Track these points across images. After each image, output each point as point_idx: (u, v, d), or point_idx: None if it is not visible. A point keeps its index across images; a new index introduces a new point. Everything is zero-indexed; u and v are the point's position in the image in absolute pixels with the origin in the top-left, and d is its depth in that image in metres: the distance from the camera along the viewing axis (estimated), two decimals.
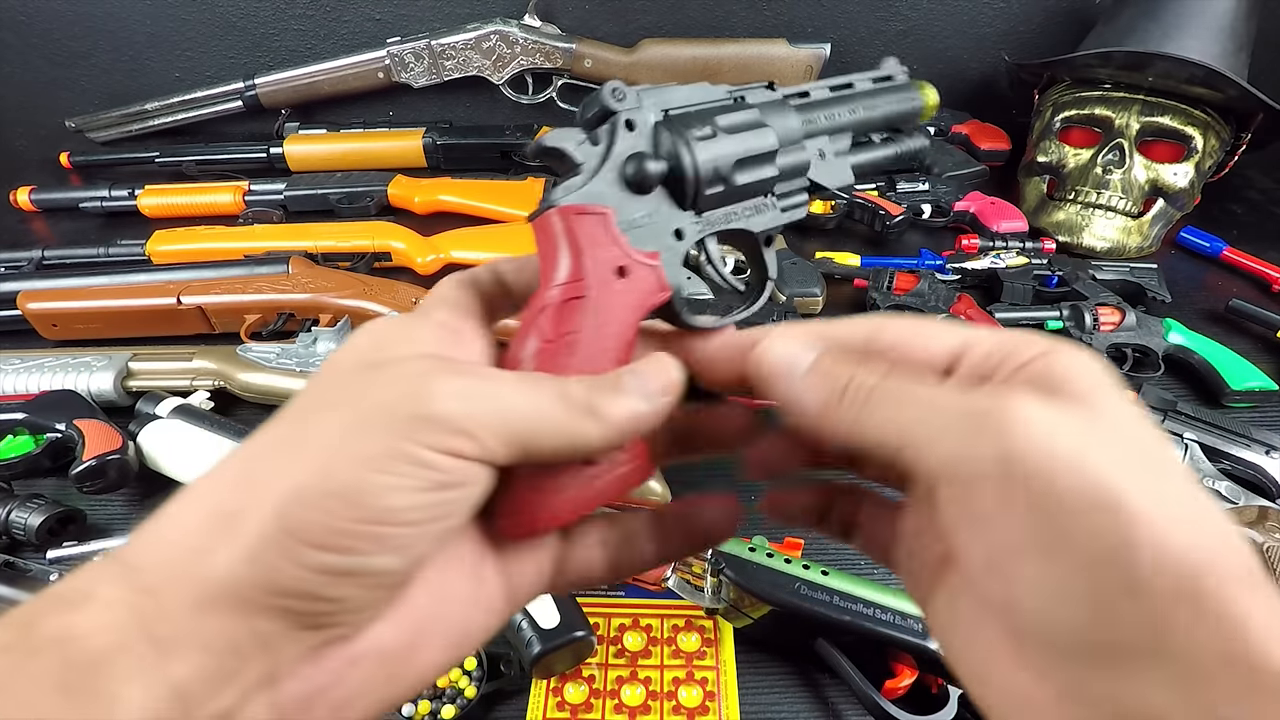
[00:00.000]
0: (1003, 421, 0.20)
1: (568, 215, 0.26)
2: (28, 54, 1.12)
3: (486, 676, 0.52)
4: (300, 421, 0.22)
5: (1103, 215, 0.93)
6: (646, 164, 0.27)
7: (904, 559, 0.27)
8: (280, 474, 0.20)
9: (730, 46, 1.08)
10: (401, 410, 0.20)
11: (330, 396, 0.22)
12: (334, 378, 0.23)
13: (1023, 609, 0.20)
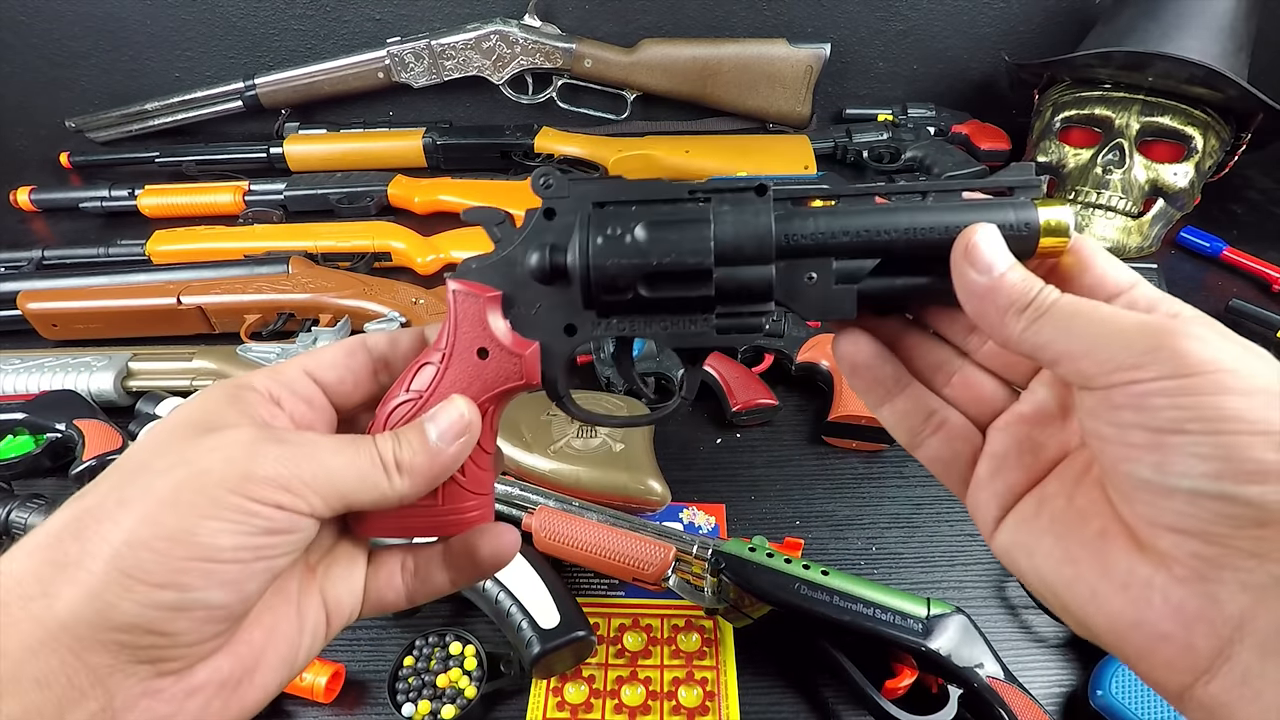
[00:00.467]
0: (1177, 334, 0.23)
1: (455, 290, 0.29)
2: (28, 54, 1.12)
3: (486, 676, 0.52)
4: (132, 478, 0.24)
5: (1103, 215, 0.93)
6: (530, 257, 0.28)
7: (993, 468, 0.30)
8: (116, 522, 0.23)
9: (730, 46, 1.08)
10: (231, 471, 0.23)
11: (163, 456, 0.24)
12: (166, 440, 0.25)
13: (1171, 475, 0.22)
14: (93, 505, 0.23)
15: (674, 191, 0.28)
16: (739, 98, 1.11)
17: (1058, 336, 0.25)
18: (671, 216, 0.27)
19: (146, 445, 0.25)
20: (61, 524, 0.23)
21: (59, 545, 0.23)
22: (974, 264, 0.27)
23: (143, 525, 0.22)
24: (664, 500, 0.63)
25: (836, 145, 1.12)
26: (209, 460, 0.24)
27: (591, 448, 0.65)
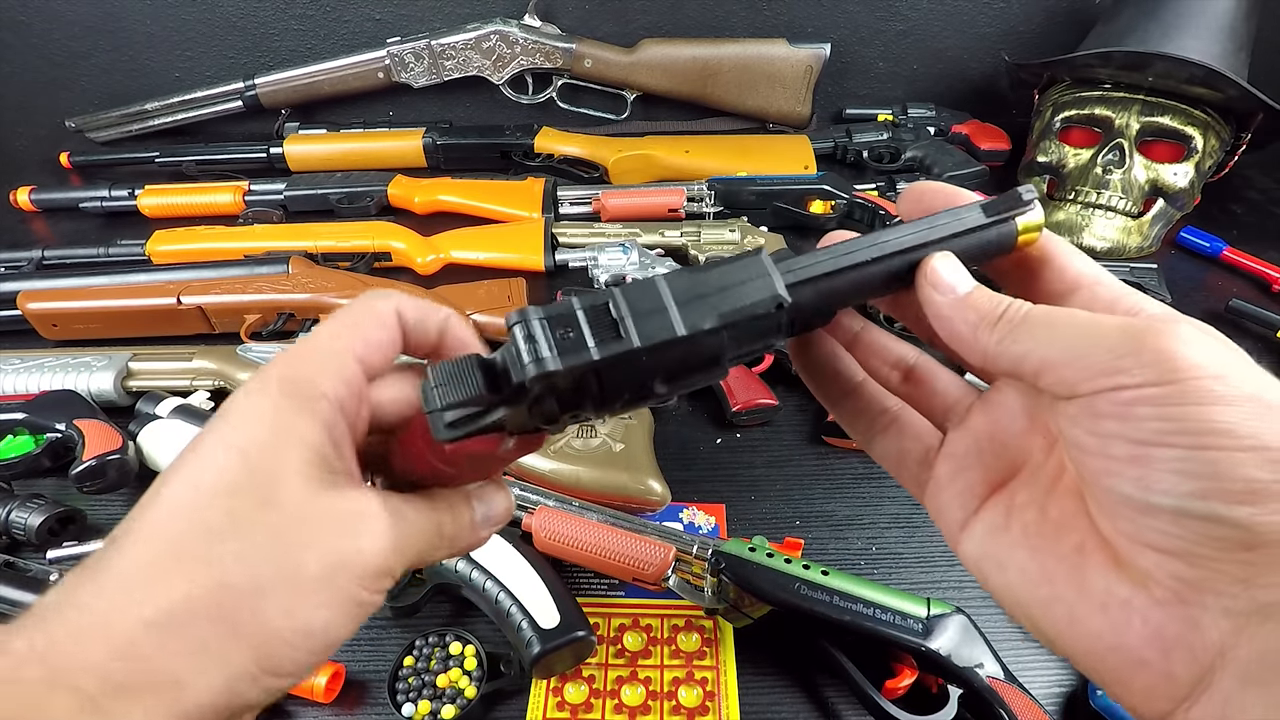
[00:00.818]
0: (1162, 336, 0.22)
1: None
2: (28, 54, 1.12)
3: (486, 676, 0.52)
4: (267, 546, 0.23)
5: (1103, 215, 0.93)
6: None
7: (953, 469, 0.29)
8: (255, 612, 0.22)
9: (730, 46, 1.08)
10: (346, 568, 0.24)
11: (297, 524, 0.24)
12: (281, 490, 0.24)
13: (1152, 492, 0.22)
14: (232, 582, 0.22)
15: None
16: (739, 98, 1.11)
17: (1036, 345, 0.24)
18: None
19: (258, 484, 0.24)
20: (202, 600, 0.22)
21: (194, 627, 0.22)
22: (938, 287, 0.26)
23: (284, 618, 0.23)
24: (664, 500, 0.63)
25: (836, 145, 1.12)
26: (347, 546, 0.24)
27: (591, 448, 0.65)
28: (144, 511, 0.23)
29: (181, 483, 0.24)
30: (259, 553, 0.23)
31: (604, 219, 0.97)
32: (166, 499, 0.23)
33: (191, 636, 0.22)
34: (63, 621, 0.21)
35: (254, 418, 0.24)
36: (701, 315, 0.23)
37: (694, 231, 0.93)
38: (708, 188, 0.97)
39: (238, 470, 0.23)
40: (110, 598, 0.22)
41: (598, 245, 0.90)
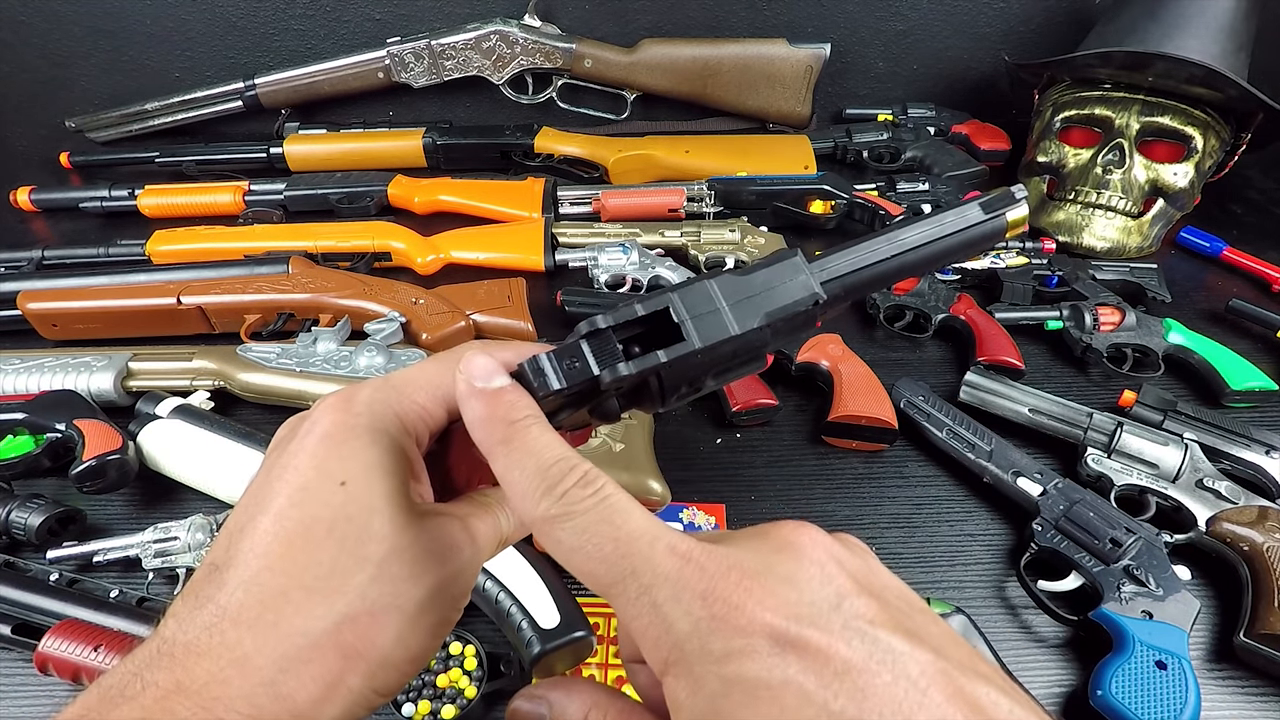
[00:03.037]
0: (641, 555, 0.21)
1: None
2: (28, 54, 1.12)
3: (486, 676, 0.52)
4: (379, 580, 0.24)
5: (1103, 215, 0.93)
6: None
7: None
8: (373, 642, 0.23)
9: (730, 46, 1.08)
10: (444, 595, 0.25)
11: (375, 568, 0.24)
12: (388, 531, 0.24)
13: None
14: (351, 614, 0.23)
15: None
16: (739, 98, 1.11)
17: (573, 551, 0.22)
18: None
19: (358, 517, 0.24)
20: (327, 634, 0.23)
21: (323, 661, 0.23)
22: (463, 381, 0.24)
23: (397, 646, 0.24)
24: (664, 500, 0.63)
25: (836, 145, 1.12)
26: (444, 574, 0.25)
27: (591, 448, 0.65)
28: (246, 541, 0.24)
29: (283, 515, 0.24)
30: (371, 586, 0.24)
31: (604, 219, 0.97)
32: (271, 531, 0.24)
33: (321, 670, 0.23)
34: (201, 659, 0.22)
35: (345, 449, 0.25)
36: (750, 315, 0.25)
37: (694, 231, 0.93)
38: (708, 188, 0.97)
39: (338, 503, 0.24)
40: (242, 635, 0.22)
41: (598, 245, 0.90)
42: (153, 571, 0.58)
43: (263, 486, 0.25)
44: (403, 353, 0.73)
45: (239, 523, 0.24)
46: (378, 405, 0.26)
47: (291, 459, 0.25)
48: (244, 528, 0.24)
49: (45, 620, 0.52)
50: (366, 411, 0.26)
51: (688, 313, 0.25)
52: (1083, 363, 0.80)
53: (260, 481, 0.25)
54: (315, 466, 0.24)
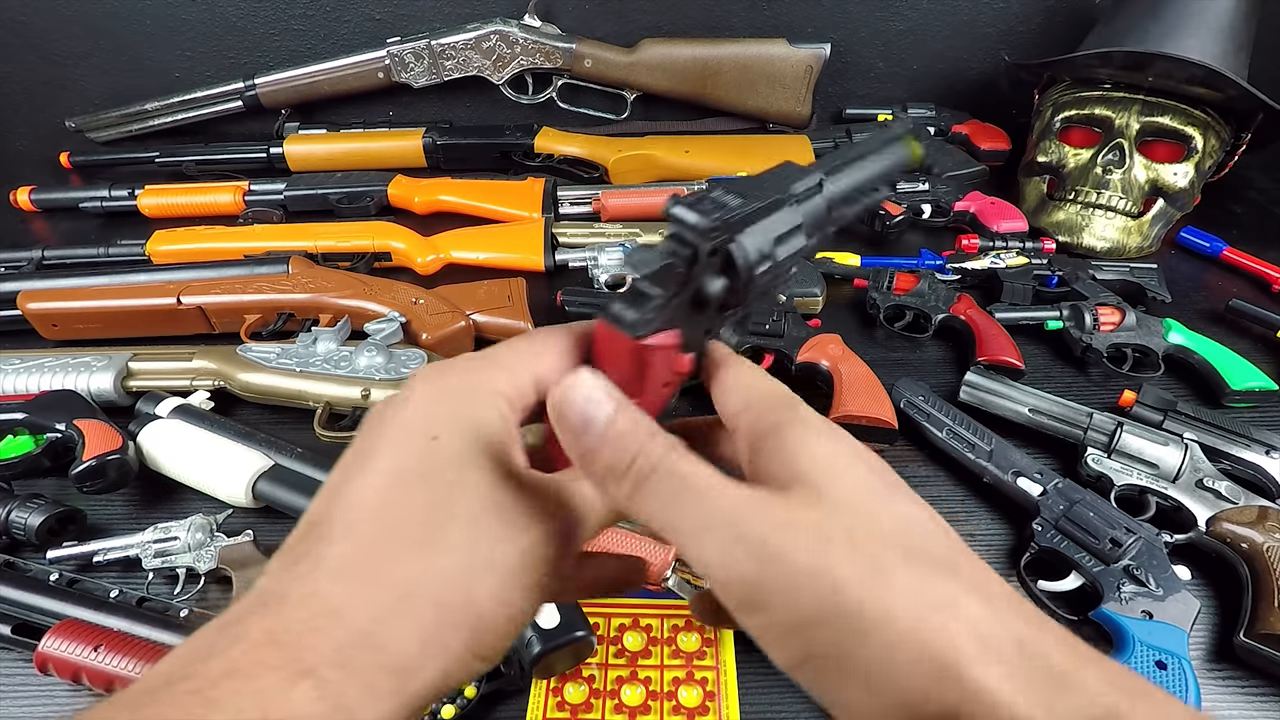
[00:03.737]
0: (754, 533, 0.22)
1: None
2: (28, 54, 1.12)
3: (486, 676, 0.52)
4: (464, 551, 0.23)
5: (1103, 215, 0.93)
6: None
7: None
8: (471, 603, 0.23)
9: (730, 46, 1.08)
10: (537, 557, 0.25)
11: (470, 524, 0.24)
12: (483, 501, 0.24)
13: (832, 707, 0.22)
14: (447, 569, 0.23)
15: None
16: (739, 98, 1.11)
17: (657, 513, 0.23)
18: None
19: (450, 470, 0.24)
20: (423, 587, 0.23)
21: (420, 614, 0.22)
22: (566, 429, 0.24)
23: (495, 606, 0.23)
24: None
25: (837, 145, 1.12)
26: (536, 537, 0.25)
27: None
28: (343, 497, 0.24)
29: (378, 470, 0.24)
30: (466, 540, 0.23)
31: (604, 219, 0.97)
32: (367, 485, 0.24)
33: (416, 624, 0.22)
34: (294, 609, 0.21)
35: (439, 404, 0.25)
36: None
37: None
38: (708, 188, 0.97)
39: (431, 455, 0.24)
40: (336, 586, 0.22)
41: (598, 245, 0.90)
42: (153, 571, 0.58)
43: (359, 449, 0.25)
44: (403, 353, 0.73)
45: (335, 483, 0.24)
46: (472, 374, 0.26)
47: (387, 424, 0.25)
48: (340, 486, 0.24)
49: (45, 620, 0.52)
50: (460, 379, 0.26)
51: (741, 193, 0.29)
52: (1083, 363, 0.80)
53: (356, 446, 0.25)
54: (408, 425, 0.25)
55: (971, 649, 0.20)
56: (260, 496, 0.62)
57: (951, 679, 0.20)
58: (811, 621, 0.21)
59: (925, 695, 0.20)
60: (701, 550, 0.22)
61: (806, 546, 0.21)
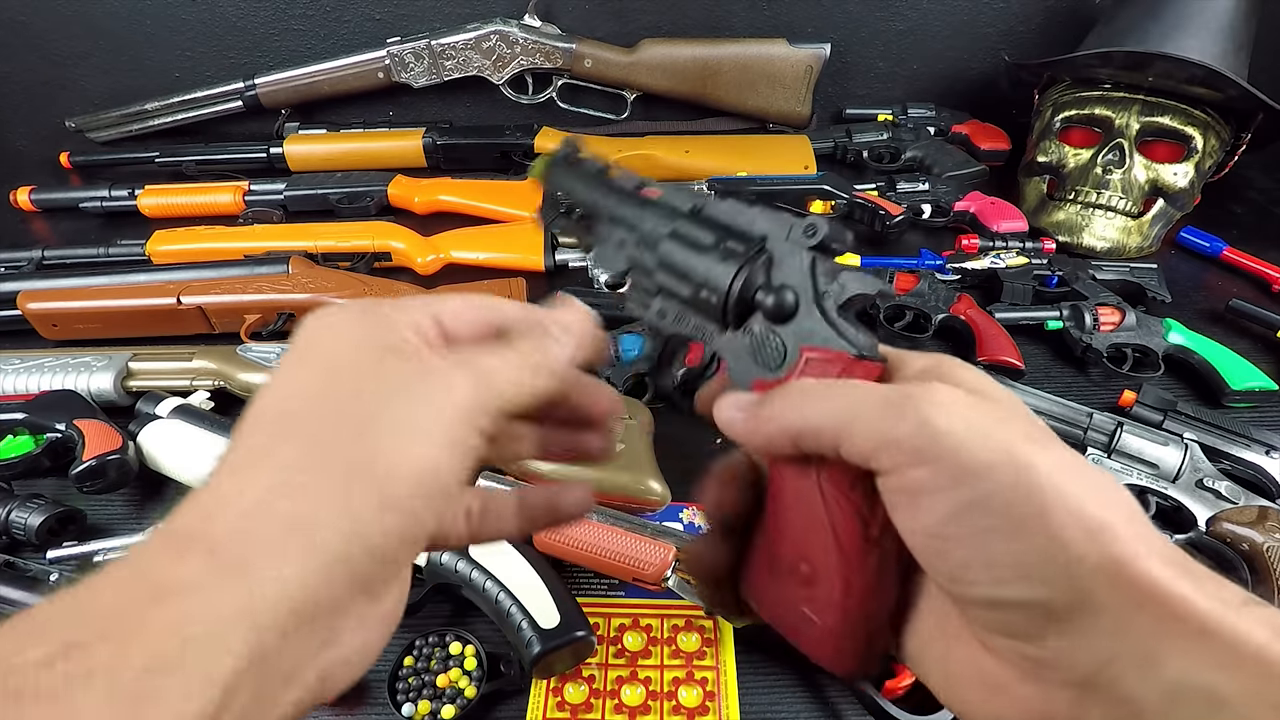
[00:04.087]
0: (919, 401, 0.23)
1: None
2: (28, 54, 1.12)
3: (486, 676, 0.52)
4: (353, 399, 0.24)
5: (1103, 215, 0.93)
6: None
7: None
8: (375, 457, 0.23)
9: (730, 46, 1.08)
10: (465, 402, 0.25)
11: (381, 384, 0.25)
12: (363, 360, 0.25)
13: (964, 584, 0.22)
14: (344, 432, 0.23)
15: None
16: (739, 98, 1.11)
17: (815, 411, 0.25)
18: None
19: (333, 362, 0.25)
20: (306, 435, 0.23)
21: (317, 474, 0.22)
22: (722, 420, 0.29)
23: (400, 458, 0.23)
24: (664, 500, 0.63)
25: (836, 145, 1.12)
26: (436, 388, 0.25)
27: None
28: (258, 401, 0.25)
29: (286, 373, 0.25)
30: (366, 407, 0.24)
31: None
32: (281, 384, 0.25)
33: (314, 483, 0.22)
34: (196, 504, 0.22)
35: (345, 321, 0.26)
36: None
37: None
38: (708, 188, 0.97)
39: (335, 352, 0.25)
40: (236, 473, 0.23)
41: None
42: None
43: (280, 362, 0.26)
44: None
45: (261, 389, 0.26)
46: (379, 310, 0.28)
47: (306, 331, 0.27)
48: (260, 392, 0.25)
49: None
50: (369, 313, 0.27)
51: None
52: (1083, 363, 0.80)
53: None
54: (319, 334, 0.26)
55: (1132, 536, 0.21)
56: None
57: (1111, 537, 0.21)
58: (979, 473, 0.22)
59: (1082, 551, 0.21)
60: (862, 432, 0.24)
61: (972, 411, 0.23)
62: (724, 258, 0.31)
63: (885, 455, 0.23)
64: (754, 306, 0.30)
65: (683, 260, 0.32)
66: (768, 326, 0.30)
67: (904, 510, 0.24)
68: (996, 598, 0.22)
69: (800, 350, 0.28)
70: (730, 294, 0.30)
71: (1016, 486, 0.21)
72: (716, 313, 0.31)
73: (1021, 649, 0.22)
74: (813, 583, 0.27)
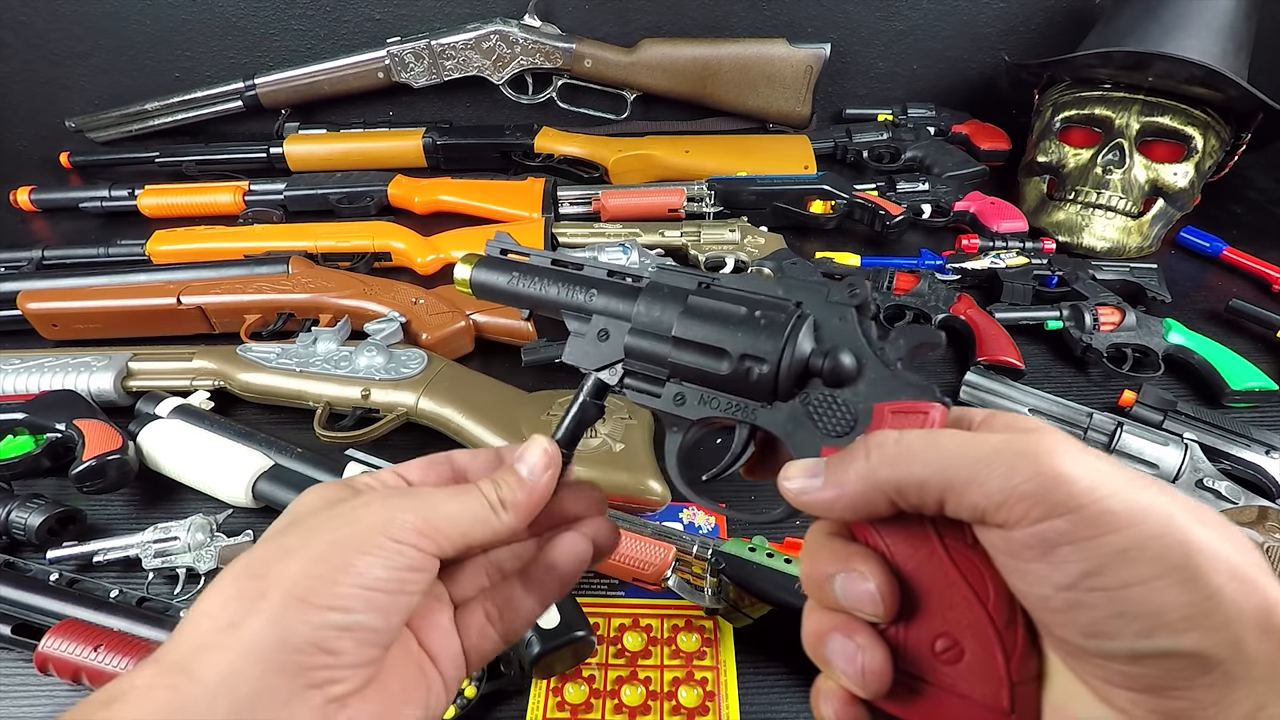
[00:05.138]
0: (1039, 449, 0.22)
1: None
2: (28, 54, 1.12)
3: (486, 676, 0.52)
4: (290, 536, 0.28)
5: (1103, 215, 0.93)
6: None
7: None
8: (286, 564, 0.26)
9: (730, 46, 1.08)
10: (378, 519, 0.28)
11: (314, 518, 0.29)
12: (307, 514, 0.29)
13: (1102, 639, 0.21)
14: (260, 557, 0.27)
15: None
16: (739, 98, 1.11)
17: (925, 465, 0.24)
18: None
19: (293, 516, 0.29)
20: (238, 571, 0.27)
21: (240, 585, 0.26)
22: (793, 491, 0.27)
23: (311, 564, 0.26)
24: (664, 500, 0.63)
25: (836, 145, 1.12)
26: (357, 515, 0.28)
27: (591, 448, 0.65)
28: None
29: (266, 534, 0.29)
30: (305, 537, 0.28)
31: (604, 219, 0.97)
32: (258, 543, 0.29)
33: (246, 598, 0.26)
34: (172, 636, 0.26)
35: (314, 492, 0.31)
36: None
37: (694, 231, 0.93)
38: (708, 188, 0.97)
39: (299, 505, 0.30)
40: (195, 609, 0.27)
41: (598, 245, 0.90)
42: (153, 571, 0.58)
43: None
44: (403, 353, 0.73)
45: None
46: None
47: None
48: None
49: (45, 620, 0.52)
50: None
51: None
52: (1083, 363, 0.80)
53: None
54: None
55: (1272, 584, 0.21)
56: (260, 496, 0.62)
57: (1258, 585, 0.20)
58: (1127, 521, 0.21)
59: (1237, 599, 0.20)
60: (976, 486, 0.23)
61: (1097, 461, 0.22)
62: (765, 326, 0.29)
63: (1011, 508, 0.22)
64: (809, 373, 0.29)
65: (712, 336, 0.30)
66: (827, 392, 0.28)
67: (1034, 565, 0.22)
68: (1142, 650, 0.21)
69: (874, 408, 0.27)
70: (782, 362, 0.29)
71: (1166, 534, 0.21)
72: (766, 385, 0.29)
73: (1160, 704, 0.21)
74: (958, 656, 0.24)
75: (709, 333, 0.30)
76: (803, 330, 0.29)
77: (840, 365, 0.28)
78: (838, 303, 0.29)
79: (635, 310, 0.33)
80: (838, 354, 0.28)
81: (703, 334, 0.30)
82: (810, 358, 0.29)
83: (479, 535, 0.30)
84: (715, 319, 0.30)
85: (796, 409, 0.29)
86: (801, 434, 0.29)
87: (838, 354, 0.28)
